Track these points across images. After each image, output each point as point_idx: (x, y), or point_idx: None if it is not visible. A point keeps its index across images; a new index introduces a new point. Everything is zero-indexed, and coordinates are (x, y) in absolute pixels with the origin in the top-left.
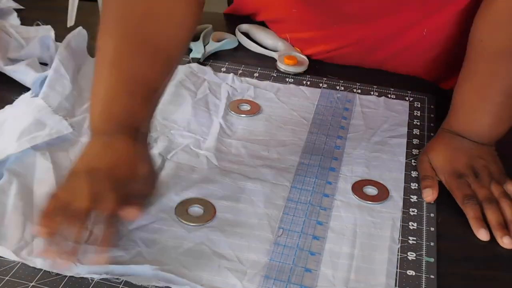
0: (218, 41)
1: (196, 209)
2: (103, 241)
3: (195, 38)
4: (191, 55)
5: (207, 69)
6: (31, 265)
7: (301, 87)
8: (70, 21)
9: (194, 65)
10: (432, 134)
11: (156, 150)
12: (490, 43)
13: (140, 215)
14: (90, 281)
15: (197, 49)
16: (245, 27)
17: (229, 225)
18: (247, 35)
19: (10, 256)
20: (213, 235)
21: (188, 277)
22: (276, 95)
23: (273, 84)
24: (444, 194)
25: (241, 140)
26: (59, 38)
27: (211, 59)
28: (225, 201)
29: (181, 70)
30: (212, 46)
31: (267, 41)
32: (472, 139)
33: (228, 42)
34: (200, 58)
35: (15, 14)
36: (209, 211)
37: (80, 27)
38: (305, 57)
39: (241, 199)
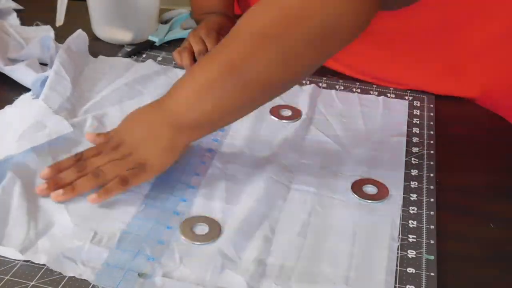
0: (186, 29)
1: (201, 227)
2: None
3: (166, 21)
4: (149, 37)
5: None
6: (36, 261)
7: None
8: (59, 21)
9: None
10: (431, 132)
11: None
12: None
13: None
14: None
15: (159, 33)
16: None
17: (231, 225)
18: None
19: (16, 255)
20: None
21: (190, 277)
22: None
23: None
24: (444, 193)
25: (243, 139)
26: (59, 38)
27: (174, 45)
28: (225, 202)
29: (181, 74)
30: (173, 34)
31: None
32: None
33: (190, 32)
34: (155, 42)
35: (15, 14)
36: (215, 228)
37: (80, 30)
38: None
39: (241, 199)
